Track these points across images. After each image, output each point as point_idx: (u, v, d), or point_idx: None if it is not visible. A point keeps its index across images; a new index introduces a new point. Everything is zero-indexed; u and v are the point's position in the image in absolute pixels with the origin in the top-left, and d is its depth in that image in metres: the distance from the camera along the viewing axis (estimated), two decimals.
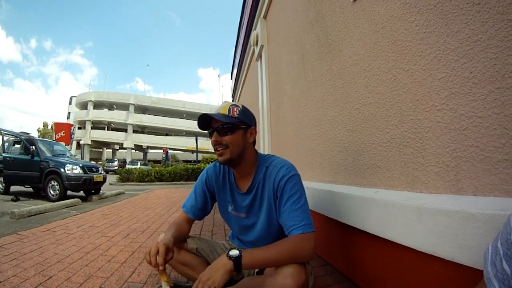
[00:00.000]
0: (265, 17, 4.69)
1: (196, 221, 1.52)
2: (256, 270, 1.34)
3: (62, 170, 7.11)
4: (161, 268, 1.11)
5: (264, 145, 4.60)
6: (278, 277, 1.09)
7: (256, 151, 1.44)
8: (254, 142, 1.42)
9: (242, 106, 1.37)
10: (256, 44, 5.02)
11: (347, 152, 1.90)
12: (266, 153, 4.31)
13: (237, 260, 1.08)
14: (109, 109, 46.32)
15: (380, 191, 1.50)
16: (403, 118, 1.36)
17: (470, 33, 1.00)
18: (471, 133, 1.01)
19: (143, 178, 15.23)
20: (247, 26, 6.26)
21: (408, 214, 1.15)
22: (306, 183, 1.42)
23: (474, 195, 1.00)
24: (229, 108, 1.31)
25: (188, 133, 44.25)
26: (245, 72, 8.09)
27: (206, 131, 1.35)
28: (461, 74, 1.04)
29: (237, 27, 8.52)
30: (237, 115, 1.30)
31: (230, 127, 1.29)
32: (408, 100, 1.32)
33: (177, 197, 7.25)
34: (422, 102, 1.23)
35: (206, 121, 1.32)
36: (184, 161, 38.73)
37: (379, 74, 1.54)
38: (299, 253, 1.12)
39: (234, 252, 1.11)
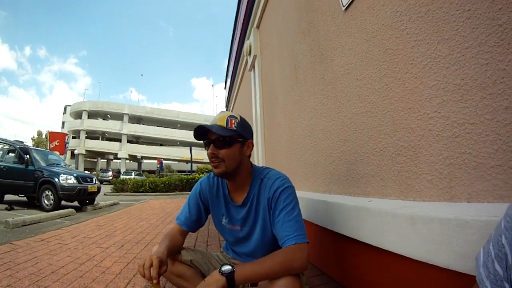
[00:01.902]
0: (258, 26, 4.73)
1: (191, 232, 1.50)
2: None
3: (56, 180, 7.06)
4: (154, 281, 1.08)
5: (257, 155, 4.58)
6: None
7: (251, 163, 1.42)
8: (249, 155, 1.40)
9: (240, 117, 1.33)
10: (249, 54, 5.05)
11: (340, 161, 1.88)
12: (259, 163, 4.34)
13: (229, 276, 1.06)
14: (103, 119, 46.15)
15: (373, 200, 1.49)
16: (395, 126, 1.35)
17: (461, 39, 1.00)
18: (463, 140, 1.00)
19: (137, 188, 15.09)
20: (240, 36, 6.31)
21: (402, 223, 1.14)
22: (299, 193, 1.41)
23: (467, 202, 0.99)
24: (227, 119, 1.27)
25: (182, 143, 44.15)
26: (238, 82, 8.12)
27: (201, 142, 1.32)
28: (453, 81, 1.03)
29: (231, 37, 8.58)
30: (235, 128, 1.27)
31: (227, 141, 1.25)
32: (400, 108, 1.31)
33: (172, 207, 7.21)
34: (414, 110, 1.22)
35: (202, 132, 1.29)
36: (178, 171, 38.57)
37: (371, 83, 1.53)
38: (293, 265, 1.10)
39: (227, 268, 1.07)
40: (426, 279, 1.07)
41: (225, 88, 13.23)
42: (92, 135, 44.00)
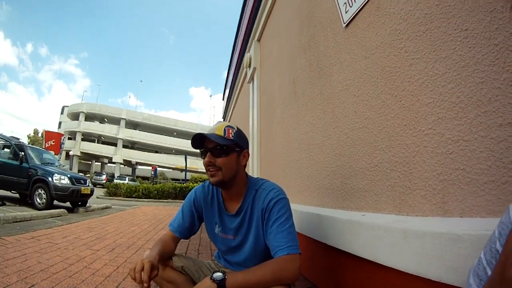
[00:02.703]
0: (259, 39, 4.81)
1: (182, 240, 1.50)
2: None
3: (50, 179, 7.04)
4: (145, 285, 1.08)
5: (253, 167, 4.58)
6: None
7: (246, 173, 1.44)
8: (245, 165, 1.41)
9: (237, 128, 1.36)
10: (249, 66, 5.10)
11: (335, 176, 1.89)
12: (254, 175, 4.32)
13: (221, 283, 1.06)
14: (100, 122, 46.01)
15: (367, 214, 1.49)
16: (390, 142, 1.36)
17: (458, 58, 1.02)
18: (457, 157, 1.01)
19: (130, 193, 15.06)
20: (241, 48, 6.39)
21: (394, 237, 1.14)
22: (293, 206, 1.41)
23: (460, 217, 1.00)
24: (225, 129, 1.29)
25: (178, 152, 44.05)
26: (237, 94, 8.19)
27: (198, 150, 1.33)
28: (448, 99, 1.05)
29: (231, 49, 8.68)
30: (232, 137, 1.29)
31: (224, 149, 1.27)
32: (396, 125, 1.33)
33: (164, 214, 7.21)
34: (410, 127, 1.24)
35: (200, 140, 1.30)
36: (172, 179, 38.33)
37: (368, 100, 1.55)
38: (284, 275, 1.11)
39: (218, 275, 1.08)
40: None
41: (223, 99, 13.30)
42: (88, 137, 43.78)
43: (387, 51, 1.41)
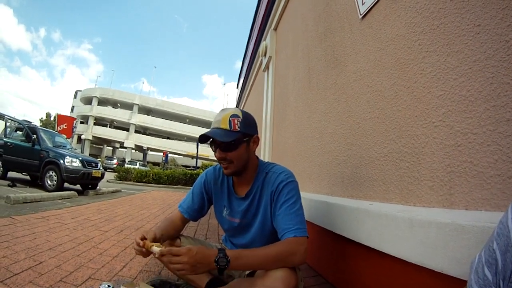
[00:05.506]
0: (275, 29, 4.79)
1: (190, 225, 1.53)
2: (247, 272, 1.35)
3: (61, 161, 7.06)
4: (142, 247, 1.21)
5: (264, 156, 4.62)
6: (268, 280, 1.09)
7: (257, 157, 1.46)
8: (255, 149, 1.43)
9: (243, 114, 1.31)
10: (265, 55, 5.10)
11: (345, 165, 1.92)
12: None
13: (222, 269, 1.08)
14: (113, 107, 46.43)
15: (375, 203, 1.52)
16: (401, 133, 1.39)
17: (470, 53, 1.04)
18: (465, 149, 1.04)
19: (141, 178, 15.16)
20: (257, 37, 6.36)
21: (400, 226, 1.16)
22: (303, 194, 1.44)
23: (465, 209, 1.02)
24: (229, 120, 1.26)
25: (189, 139, 44.33)
26: (251, 82, 8.17)
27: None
28: (459, 92, 1.07)
29: (246, 38, 8.64)
30: (238, 128, 1.26)
31: (233, 144, 1.27)
32: (407, 116, 1.35)
33: (174, 200, 7.22)
34: (420, 118, 1.26)
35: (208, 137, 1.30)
36: (183, 165, 38.69)
37: (381, 90, 1.58)
38: (290, 258, 1.12)
39: (222, 262, 1.07)
40: (420, 283, 1.09)
41: (237, 87, 13.28)
42: (100, 122, 44.34)
43: (402, 43, 1.42)
